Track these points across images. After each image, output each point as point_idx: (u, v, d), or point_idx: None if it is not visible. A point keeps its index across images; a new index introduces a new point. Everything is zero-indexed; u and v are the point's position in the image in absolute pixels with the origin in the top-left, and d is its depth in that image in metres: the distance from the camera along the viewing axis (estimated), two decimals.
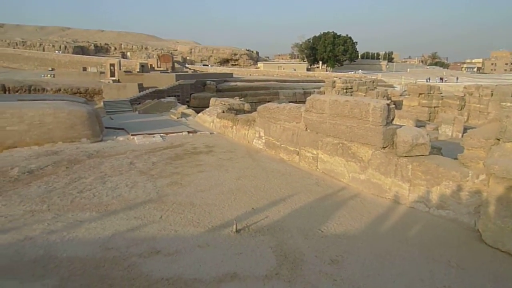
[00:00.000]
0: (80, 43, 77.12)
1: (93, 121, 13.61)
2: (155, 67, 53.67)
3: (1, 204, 7.29)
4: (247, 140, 13.56)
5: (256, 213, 7.10)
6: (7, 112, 12.21)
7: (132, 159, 10.89)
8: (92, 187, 8.29)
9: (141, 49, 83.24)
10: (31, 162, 10.30)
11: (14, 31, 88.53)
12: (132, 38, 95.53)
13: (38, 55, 64.41)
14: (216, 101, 21.44)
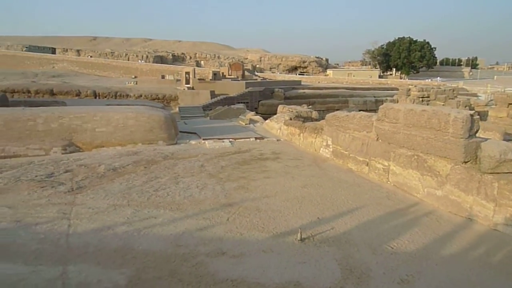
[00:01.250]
0: (160, 53, 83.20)
1: (169, 125, 14.56)
2: (227, 75, 55.78)
3: (89, 197, 8.15)
4: (314, 148, 13.43)
5: (321, 223, 6.99)
6: (97, 115, 13.62)
7: (203, 162, 11.43)
8: (166, 187, 8.86)
9: (214, 58, 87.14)
10: (115, 160, 11.35)
11: (105, 43, 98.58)
12: (206, 47, 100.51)
13: (124, 64, 70.82)
14: (284, 108, 21.58)
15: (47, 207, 7.64)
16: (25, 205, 7.75)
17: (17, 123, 12.73)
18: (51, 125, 13.05)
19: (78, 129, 13.29)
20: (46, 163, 11.21)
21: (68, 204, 7.75)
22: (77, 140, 13.21)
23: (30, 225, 6.67)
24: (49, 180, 9.48)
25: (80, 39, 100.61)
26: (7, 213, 7.30)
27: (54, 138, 12.93)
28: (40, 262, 5.36)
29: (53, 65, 69.34)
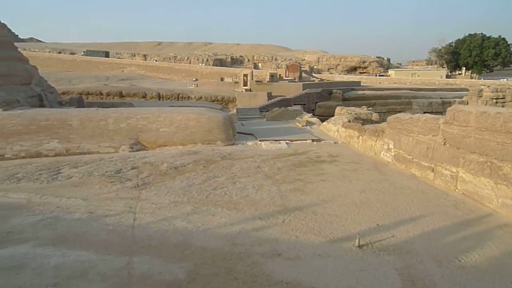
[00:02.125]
0: (219, 56, 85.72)
1: (228, 126, 14.94)
2: (284, 77, 55.81)
3: (153, 193, 8.64)
4: (374, 151, 12.93)
5: (381, 230, 6.69)
6: (161, 116, 14.41)
7: (259, 163, 11.55)
8: (224, 186, 9.10)
9: (271, 60, 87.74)
10: (176, 159, 11.90)
11: (168, 47, 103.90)
12: (264, 50, 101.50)
13: (185, 68, 74.09)
14: (342, 110, 21.06)
15: (116, 200, 8.23)
16: (97, 198, 8.44)
17: (91, 123, 13.91)
18: (120, 125, 14.05)
19: (143, 128, 14.16)
20: (115, 160, 12.10)
21: (134, 199, 8.29)
22: (143, 139, 14.08)
23: (101, 216, 7.23)
24: (117, 176, 10.22)
25: (147, 45, 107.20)
26: (81, 204, 8.00)
27: (123, 137, 13.91)
28: (108, 251, 5.79)
29: (122, 69, 74.76)
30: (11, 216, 7.31)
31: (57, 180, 10.00)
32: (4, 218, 7.18)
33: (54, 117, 13.84)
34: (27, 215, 7.32)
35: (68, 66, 74.19)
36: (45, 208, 7.72)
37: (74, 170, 10.93)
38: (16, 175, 10.41)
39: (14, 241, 6.15)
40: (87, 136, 13.68)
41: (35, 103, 17.01)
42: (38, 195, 8.64)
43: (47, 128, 13.50)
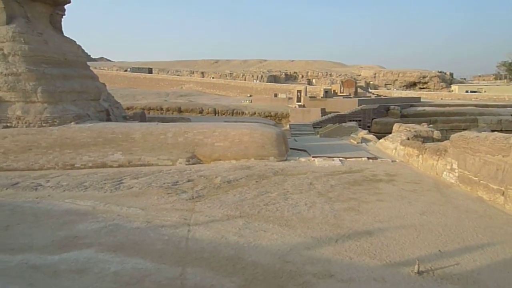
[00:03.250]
0: (273, 73, 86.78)
1: (280, 142, 14.97)
2: (338, 93, 54.91)
3: (206, 206, 8.85)
4: (435, 171, 12.14)
5: (443, 256, 6.21)
6: (216, 131, 14.84)
7: (312, 180, 11.37)
8: (276, 202, 9.07)
9: (325, 76, 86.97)
10: (230, 173, 12.13)
11: (225, 65, 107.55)
12: (318, 65, 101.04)
13: (240, 84, 75.97)
14: (400, 127, 20.17)
15: (172, 211, 8.56)
16: (154, 208, 8.83)
17: (151, 136, 14.70)
18: (178, 139, 14.69)
19: (200, 143, 14.67)
20: (173, 172, 12.63)
21: (189, 211, 8.55)
22: (199, 153, 14.56)
23: (157, 226, 7.55)
24: (174, 188, 10.64)
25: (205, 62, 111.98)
26: (140, 214, 8.42)
27: (180, 150, 14.51)
28: (163, 261, 6.00)
29: (181, 86, 78.62)
30: (78, 221, 7.90)
31: (119, 190, 10.66)
32: (72, 224, 7.77)
33: (119, 131, 14.85)
34: (91, 222, 7.86)
35: (133, 83, 79.70)
36: (107, 216, 8.24)
37: (135, 180, 11.59)
38: (84, 184, 11.27)
39: (79, 245, 6.61)
40: (147, 149, 14.46)
41: (103, 117, 18.41)
42: (102, 203, 9.26)
43: (112, 140, 14.51)
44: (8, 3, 16.06)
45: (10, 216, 8.34)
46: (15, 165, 13.80)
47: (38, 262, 5.93)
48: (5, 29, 15.83)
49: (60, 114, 15.31)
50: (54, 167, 13.85)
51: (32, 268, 5.73)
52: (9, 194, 10.48)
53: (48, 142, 14.26)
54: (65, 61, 17.70)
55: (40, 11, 17.70)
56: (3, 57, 15.51)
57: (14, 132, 14.38)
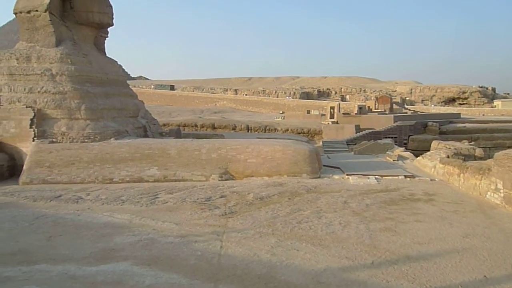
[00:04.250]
0: (306, 89, 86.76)
1: (313, 159, 14.81)
2: (373, 109, 53.95)
3: (239, 222, 8.85)
4: (478, 191, 11.50)
5: (489, 283, 5.81)
6: (249, 148, 14.95)
7: (346, 198, 11.11)
8: (309, 220, 8.91)
9: (359, 92, 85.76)
10: (262, 190, 12.11)
11: (258, 82, 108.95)
12: (352, 82, 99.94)
13: (273, 101, 76.49)
14: (439, 144, 19.38)
15: (205, 227, 8.63)
16: (188, 223, 8.95)
17: (186, 152, 15.04)
18: (212, 155, 14.92)
19: (233, 159, 14.81)
20: (206, 188, 12.79)
21: (221, 227, 8.58)
22: (231, 169, 14.69)
23: (191, 242, 7.62)
24: (207, 203, 10.75)
25: (238, 80, 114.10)
26: (174, 229, 8.55)
27: (213, 166, 14.71)
28: (196, 276, 6.02)
29: (215, 103, 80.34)
30: (115, 234, 8.14)
31: (154, 204, 10.91)
32: (110, 236, 8.02)
33: (156, 147, 15.32)
34: (128, 235, 8.08)
35: (169, 100, 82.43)
36: (143, 230, 8.44)
37: (169, 195, 11.84)
38: (121, 198, 11.65)
39: (116, 258, 6.79)
40: (182, 165, 14.79)
41: (140, 134, 19.11)
42: (138, 217, 9.51)
43: (149, 156, 14.97)
44: (57, 28, 17.28)
45: (53, 227, 8.74)
46: (58, 178, 14.54)
47: (77, 273, 6.14)
48: (54, 51, 16.98)
49: (101, 130, 16.05)
50: (94, 181, 14.45)
51: (71, 278, 5.94)
52: (53, 206, 11.01)
53: (89, 157, 14.95)
54: (107, 80, 18.66)
55: (85, 34, 18.88)
56: (52, 77, 16.60)
57: (58, 147, 15.21)
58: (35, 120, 15.71)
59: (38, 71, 16.64)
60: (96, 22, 18.41)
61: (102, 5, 18.26)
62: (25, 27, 17.47)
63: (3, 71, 16.91)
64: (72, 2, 17.68)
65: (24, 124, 15.71)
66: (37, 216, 9.67)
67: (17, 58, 16.98)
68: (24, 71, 16.74)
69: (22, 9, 17.18)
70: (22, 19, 17.39)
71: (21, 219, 9.48)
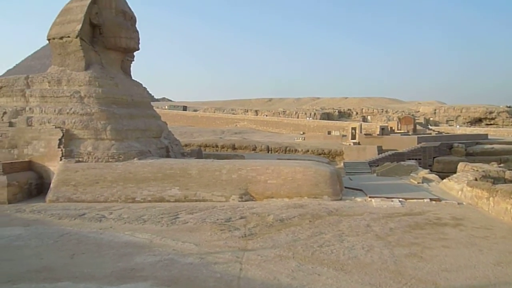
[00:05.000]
0: (326, 110, 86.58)
1: (335, 181, 14.59)
2: (395, 130, 53.01)
3: (259, 245, 8.75)
4: (509, 216, 10.97)
5: None
6: (269, 168, 14.91)
7: (369, 221, 10.83)
8: (331, 244, 8.70)
9: (381, 113, 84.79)
10: (282, 211, 11.97)
11: (278, 103, 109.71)
12: (373, 102, 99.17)
13: (293, 122, 76.56)
14: (466, 166, 18.78)
15: (224, 248, 8.56)
16: (208, 244, 8.91)
17: (207, 173, 15.13)
18: (232, 175, 14.95)
19: (253, 180, 14.78)
20: (226, 208, 12.77)
21: (241, 249, 8.50)
22: (251, 190, 14.64)
23: (210, 263, 7.56)
24: (227, 224, 10.71)
25: (258, 101, 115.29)
26: (194, 249, 8.53)
27: (233, 187, 14.71)
28: None
29: (236, 124, 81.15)
30: (136, 254, 8.19)
31: (175, 224, 10.96)
32: (130, 256, 8.07)
33: (177, 167, 15.51)
34: (148, 255, 8.11)
35: (191, 121, 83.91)
36: (163, 250, 8.46)
37: (190, 216, 11.87)
38: (143, 217, 11.77)
39: (136, 278, 6.81)
40: (203, 185, 14.86)
41: (163, 154, 19.42)
42: (158, 236, 9.56)
43: (170, 176, 15.15)
44: (87, 52, 18.09)
45: (76, 245, 8.90)
46: (83, 197, 14.87)
47: None
48: (83, 74, 17.73)
49: (125, 151, 16.43)
50: (117, 200, 14.69)
51: None
52: (77, 224, 11.24)
53: (113, 176, 15.27)
54: (132, 102, 19.24)
55: (113, 58, 19.66)
56: (80, 99, 17.27)
57: (84, 166, 15.64)
58: (63, 140, 16.28)
59: (68, 94, 17.36)
60: (123, 46, 19.17)
61: (129, 31, 19.05)
62: (57, 52, 18.38)
63: (35, 93, 17.75)
64: (101, 28, 18.52)
65: (53, 144, 16.30)
66: (62, 234, 9.89)
67: (49, 81, 17.82)
68: (54, 94, 17.51)
69: (55, 35, 18.14)
70: (54, 45, 18.33)
71: (47, 236, 9.71)
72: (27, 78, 18.24)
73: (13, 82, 18.36)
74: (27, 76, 18.41)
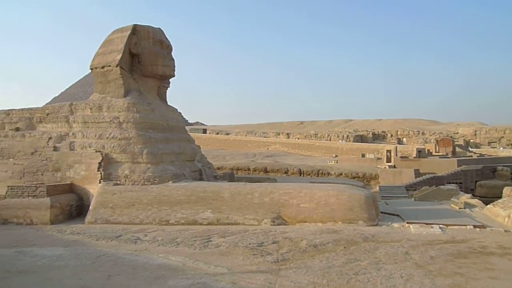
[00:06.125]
0: (360, 132, 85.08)
1: (370, 205, 14.15)
2: (433, 152, 51.09)
3: (292, 271, 8.55)
4: None
5: None
6: (302, 192, 14.73)
7: (407, 248, 10.33)
8: (367, 272, 8.35)
9: (417, 135, 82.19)
10: (315, 237, 11.70)
11: (310, 126, 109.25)
12: (409, 124, 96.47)
13: (325, 144, 75.71)
14: None
15: (256, 274, 8.44)
16: (240, 269, 8.82)
17: (239, 196, 15.17)
18: (264, 199, 14.89)
19: (285, 203, 14.63)
20: (258, 232, 12.66)
21: (274, 274, 8.34)
22: (284, 214, 14.47)
23: None
24: (259, 249, 10.58)
25: (290, 124, 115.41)
26: (226, 274, 8.47)
27: (266, 210, 14.62)
28: None
29: (267, 147, 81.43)
30: (169, 277, 8.25)
31: (207, 248, 10.98)
32: (164, 278, 8.14)
33: (210, 190, 15.68)
34: (181, 278, 8.14)
35: (223, 144, 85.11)
36: (196, 273, 8.47)
37: (222, 239, 11.87)
38: (176, 240, 11.90)
39: None
40: (235, 208, 14.89)
41: (196, 177, 19.75)
42: (191, 260, 9.60)
43: (203, 199, 15.32)
44: (126, 80, 19.08)
45: (112, 267, 9.10)
46: (119, 219, 15.31)
47: None
48: (122, 101, 18.64)
49: (160, 174, 16.87)
50: (151, 222, 15.00)
51: None
52: (113, 245, 11.54)
53: (148, 198, 15.66)
54: (167, 126, 19.91)
55: (150, 85, 20.58)
56: (119, 124, 18.10)
57: (121, 189, 16.18)
58: (102, 164, 17.02)
59: (108, 119, 18.27)
60: (159, 74, 20.07)
61: (166, 59, 19.96)
62: (99, 80, 19.53)
63: (78, 119, 18.82)
64: (140, 57, 19.55)
65: (93, 167, 17.06)
66: (99, 255, 10.16)
67: (91, 107, 18.87)
68: (95, 119, 18.48)
69: (97, 65, 19.33)
70: (96, 74, 19.50)
71: (85, 257, 10.02)
72: (71, 105, 19.43)
73: (58, 109, 19.61)
74: (71, 103, 19.63)
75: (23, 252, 10.61)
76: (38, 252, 10.63)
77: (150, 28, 19.83)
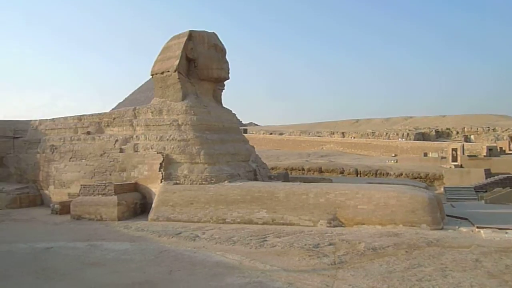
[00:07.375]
0: (421, 130, 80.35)
1: (434, 208, 13.29)
2: (506, 150, 46.68)
3: (349, 274, 8.31)
4: None
5: None
6: (359, 193, 14.25)
7: (477, 255, 9.53)
8: (432, 279, 7.85)
9: (487, 131, 75.63)
10: (374, 240, 11.25)
11: (366, 124, 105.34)
12: (477, 120, 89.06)
13: (383, 143, 72.59)
14: None
15: (313, 275, 8.33)
16: (296, 270, 8.77)
17: (294, 196, 15.08)
18: (319, 199, 14.64)
19: (341, 205, 14.26)
20: (314, 233, 12.49)
21: (330, 277, 8.16)
22: (340, 215, 14.11)
23: None
24: (315, 250, 10.43)
25: (345, 123, 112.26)
26: (282, 274, 8.46)
27: (321, 211, 14.36)
28: None
29: (322, 147, 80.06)
30: (226, 274, 8.44)
31: (263, 247, 11.07)
32: (221, 276, 8.35)
33: (265, 190, 15.78)
34: (238, 276, 8.28)
35: (277, 144, 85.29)
36: (252, 272, 8.56)
37: (277, 239, 11.89)
38: (233, 238, 12.15)
39: None
40: (290, 208, 14.82)
41: (251, 177, 20.00)
42: (248, 258, 9.74)
43: (258, 199, 15.46)
44: (184, 84, 19.90)
45: (173, 262, 9.54)
46: (179, 216, 16.01)
47: None
48: (181, 104, 19.47)
49: (217, 174, 17.34)
50: (209, 221, 15.47)
51: None
52: (174, 242, 12.09)
53: (206, 198, 16.19)
54: (223, 127, 20.42)
55: (206, 88, 21.25)
56: (178, 127, 18.93)
57: (181, 188, 16.91)
58: (163, 164, 17.93)
59: (168, 122, 19.19)
60: (214, 77, 20.67)
61: (220, 62, 20.51)
62: (158, 85, 20.58)
63: (141, 122, 20.01)
64: (196, 61, 20.27)
65: (155, 168, 18.04)
66: (161, 251, 10.71)
67: (152, 111, 19.95)
68: (156, 122, 19.52)
69: (157, 71, 20.40)
70: (156, 79, 20.58)
71: (148, 252, 10.62)
72: (134, 110, 20.71)
73: (123, 114, 21.01)
74: (134, 108, 20.92)
75: (94, 246, 11.53)
76: (107, 246, 11.48)
77: (205, 33, 20.48)
